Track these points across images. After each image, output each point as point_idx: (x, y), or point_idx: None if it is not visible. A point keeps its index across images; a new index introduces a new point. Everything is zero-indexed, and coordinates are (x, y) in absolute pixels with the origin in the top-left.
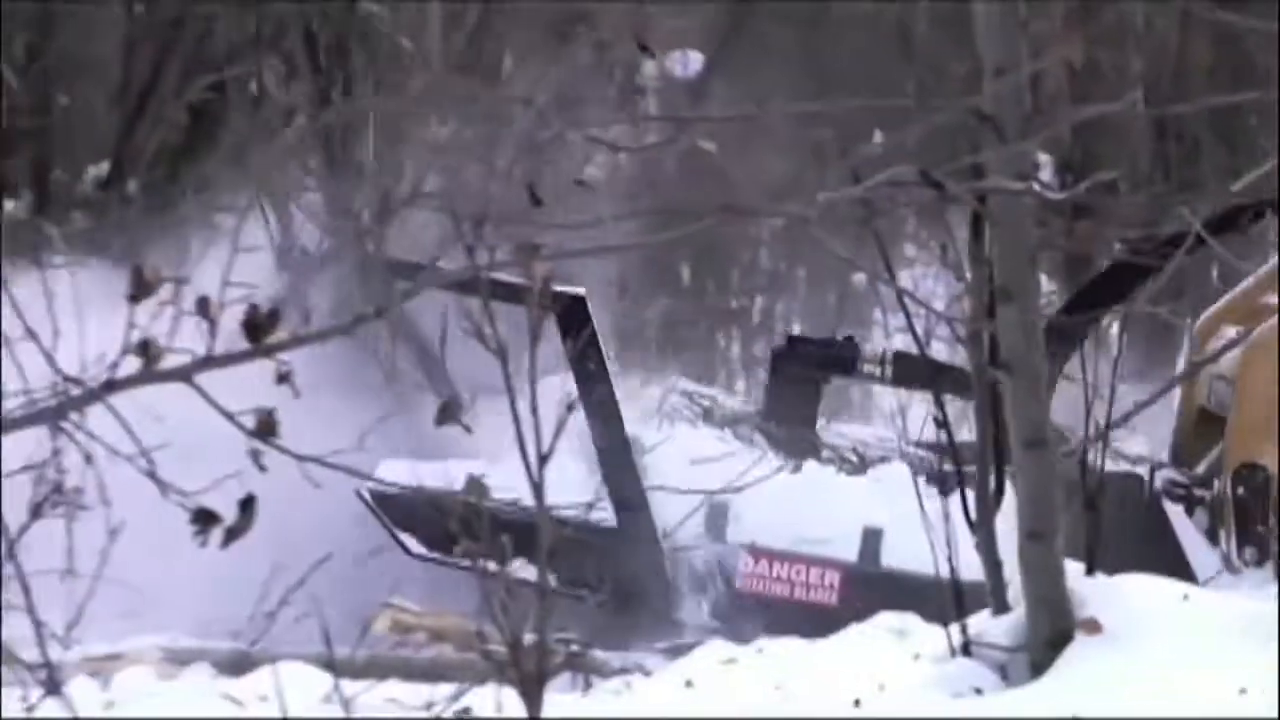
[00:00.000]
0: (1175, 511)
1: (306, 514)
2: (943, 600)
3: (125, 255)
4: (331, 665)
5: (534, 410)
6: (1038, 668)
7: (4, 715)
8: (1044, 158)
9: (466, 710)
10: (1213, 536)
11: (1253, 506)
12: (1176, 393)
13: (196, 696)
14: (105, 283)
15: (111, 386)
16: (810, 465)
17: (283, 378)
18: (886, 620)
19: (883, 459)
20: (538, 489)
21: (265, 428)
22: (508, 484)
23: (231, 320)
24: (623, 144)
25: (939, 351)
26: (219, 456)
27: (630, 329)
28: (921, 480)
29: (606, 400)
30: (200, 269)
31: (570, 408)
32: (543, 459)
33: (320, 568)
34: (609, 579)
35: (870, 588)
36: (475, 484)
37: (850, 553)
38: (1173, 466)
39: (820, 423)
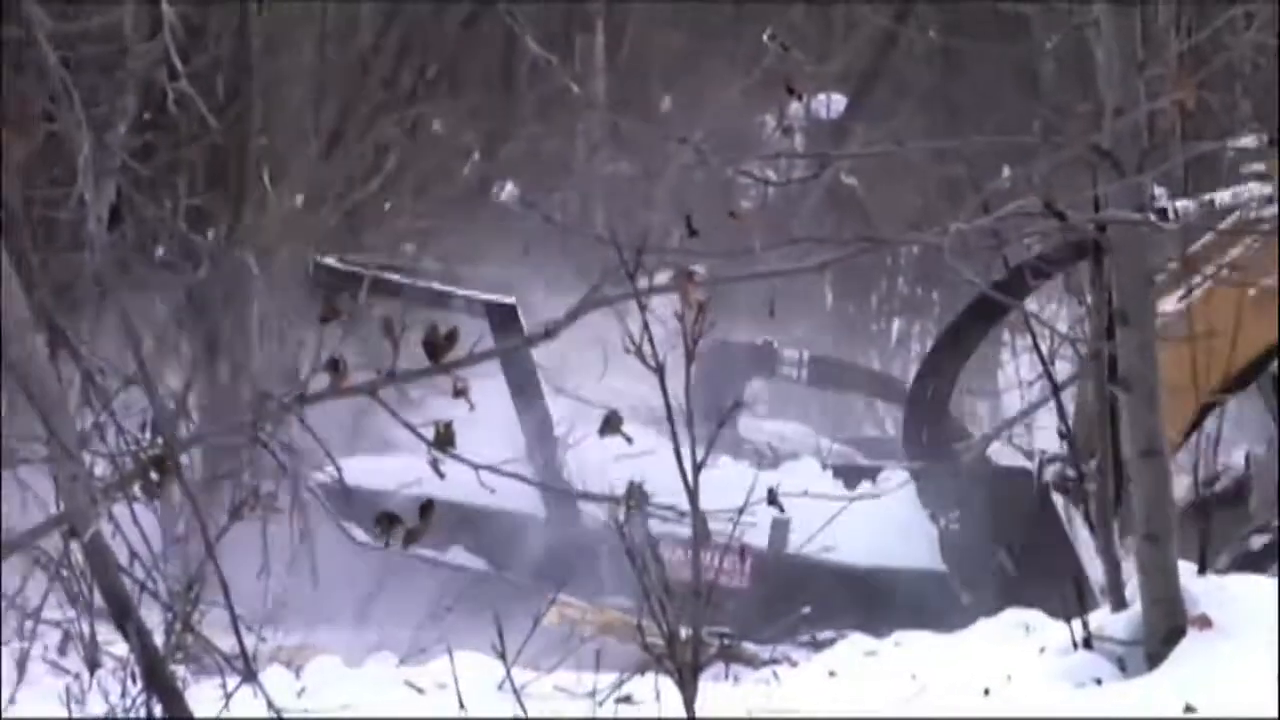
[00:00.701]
0: (1062, 503)
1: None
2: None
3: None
4: (503, 655)
5: (690, 423)
6: (1153, 660)
7: (202, 699)
8: (1159, 190)
9: (627, 698)
10: (1094, 523)
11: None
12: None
13: (381, 684)
14: (301, 306)
15: (303, 400)
16: (725, 460)
17: (459, 392)
18: (1013, 616)
19: (793, 454)
20: (693, 495)
21: (444, 439)
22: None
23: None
24: (773, 179)
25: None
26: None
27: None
28: (829, 473)
29: (535, 399)
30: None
31: (721, 424)
32: (697, 467)
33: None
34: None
35: (778, 574)
36: (636, 490)
37: (761, 540)
38: (1070, 458)
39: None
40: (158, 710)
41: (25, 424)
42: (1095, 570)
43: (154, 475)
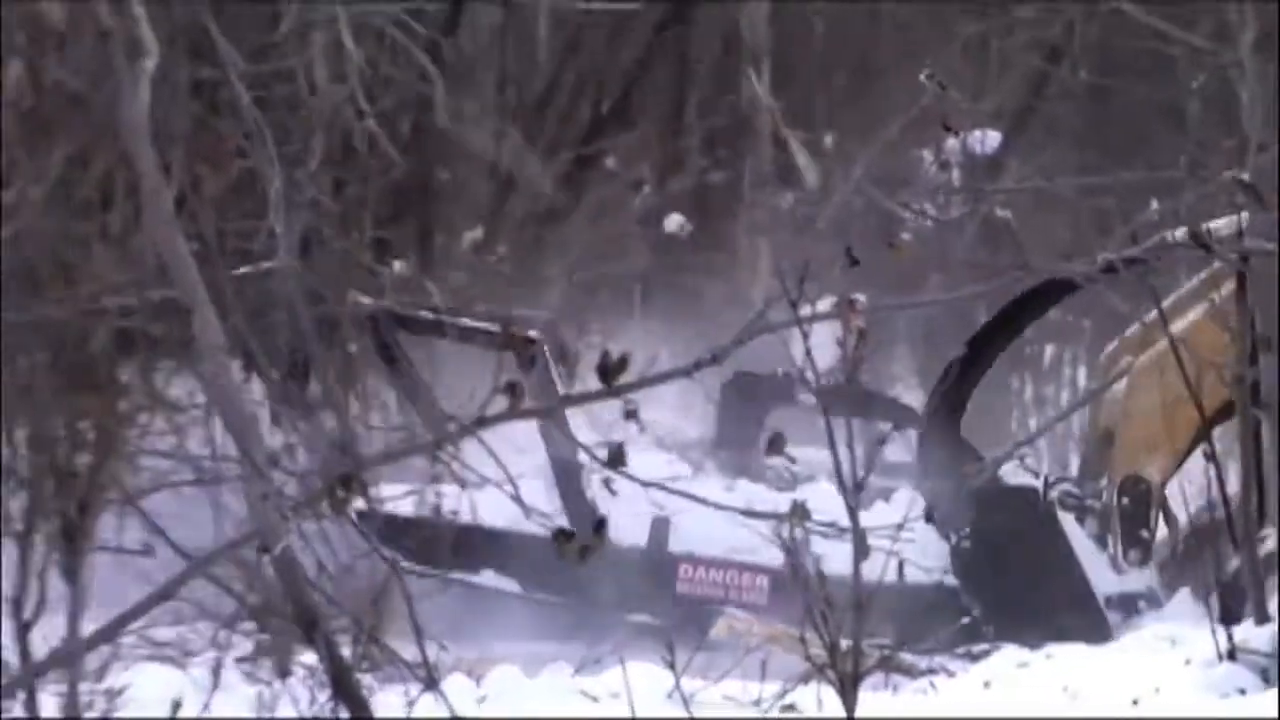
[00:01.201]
0: (1067, 519)
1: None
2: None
3: (495, 310)
4: (673, 665)
5: (850, 446)
6: None
7: (387, 707)
8: None
9: (791, 706)
10: (1101, 541)
11: (1136, 514)
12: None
13: (557, 693)
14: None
15: (482, 422)
16: (742, 483)
17: (630, 414)
18: (1160, 629)
19: (810, 477)
20: (853, 514)
21: (616, 459)
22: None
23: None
24: (931, 212)
25: None
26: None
27: (933, 371)
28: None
29: (561, 427)
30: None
31: (882, 442)
32: (858, 485)
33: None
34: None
35: (788, 592)
36: (799, 509)
37: (777, 560)
38: (1078, 480)
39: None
40: (344, 716)
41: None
42: (1103, 584)
43: (340, 493)
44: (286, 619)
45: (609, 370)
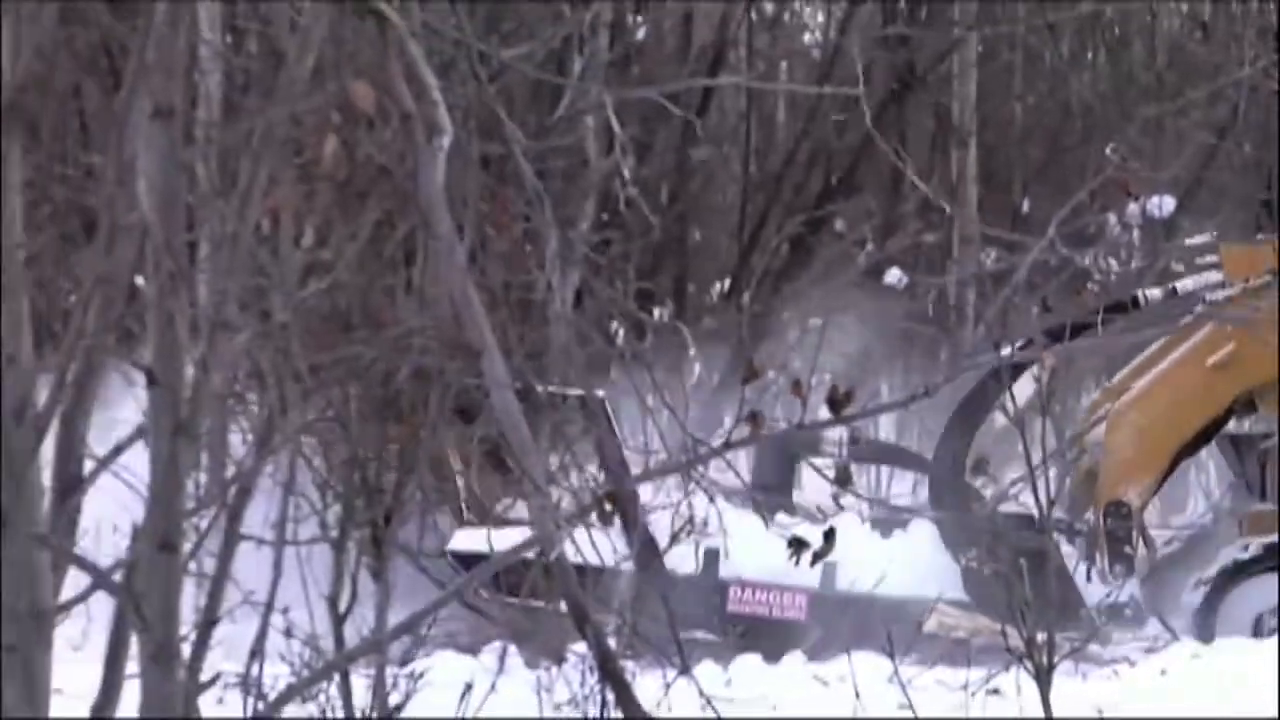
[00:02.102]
0: (1060, 541)
1: None
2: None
3: (739, 350)
4: (892, 654)
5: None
6: None
7: (646, 688)
8: None
9: (995, 690)
10: (1089, 558)
11: (1119, 534)
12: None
13: (794, 678)
14: (725, 369)
15: (728, 446)
16: (780, 517)
17: (854, 440)
18: None
19: (838, 511)
20: (1044, 524)
21: (844, 477)
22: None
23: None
24: (1114, 267)
25: None
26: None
27: None
28: (868, 525)
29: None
30: (794, 358)
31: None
32: (1050, 502)
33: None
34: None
35: (829, 607)
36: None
37: (813, 581)
38: (1068, 511)
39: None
40: (610, 697)
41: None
42: (1089, 595)
43: (608, 507)
44: (560, 614)
45: (836, 402)
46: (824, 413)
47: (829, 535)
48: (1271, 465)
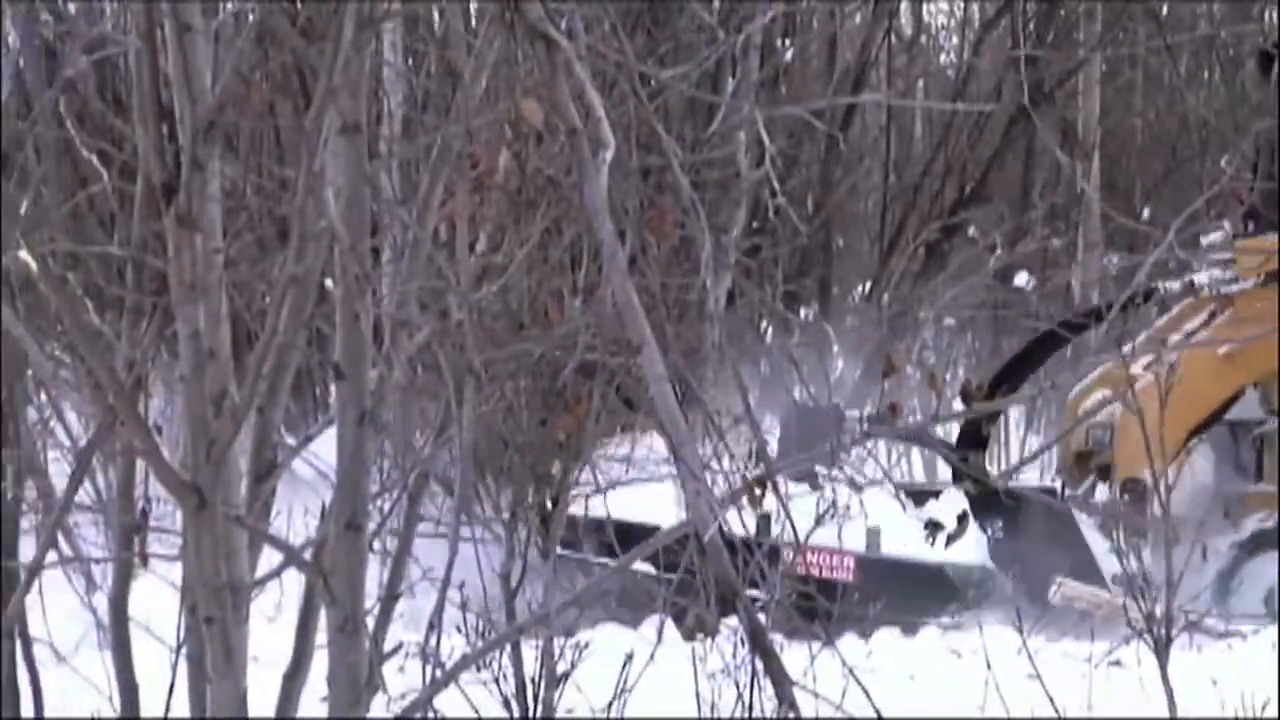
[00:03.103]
0: (1079, 515)
1: None
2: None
3: (879, 346)
4: (1020, 627)
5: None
6: None
7: (794, 658)
8: None
9: (1117, 662)
10: (1106, 531)
11: (1135, 509)
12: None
13: (931, 650)
14: (866, 364)
15: (867, 435)
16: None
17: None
18: None
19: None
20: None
21: (976, 438)
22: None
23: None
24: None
25: None
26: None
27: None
28: (902, 493)
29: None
30: (929, 354)
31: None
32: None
33: None
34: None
35: (870, 570)
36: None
37: (860, 544)
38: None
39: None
40: (759, 667)
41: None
42: (1107, 565)
43: (756, 491)
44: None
45: (969, 395)
46: (957, 405)
47: (962, 518)
48: (1270, 449)
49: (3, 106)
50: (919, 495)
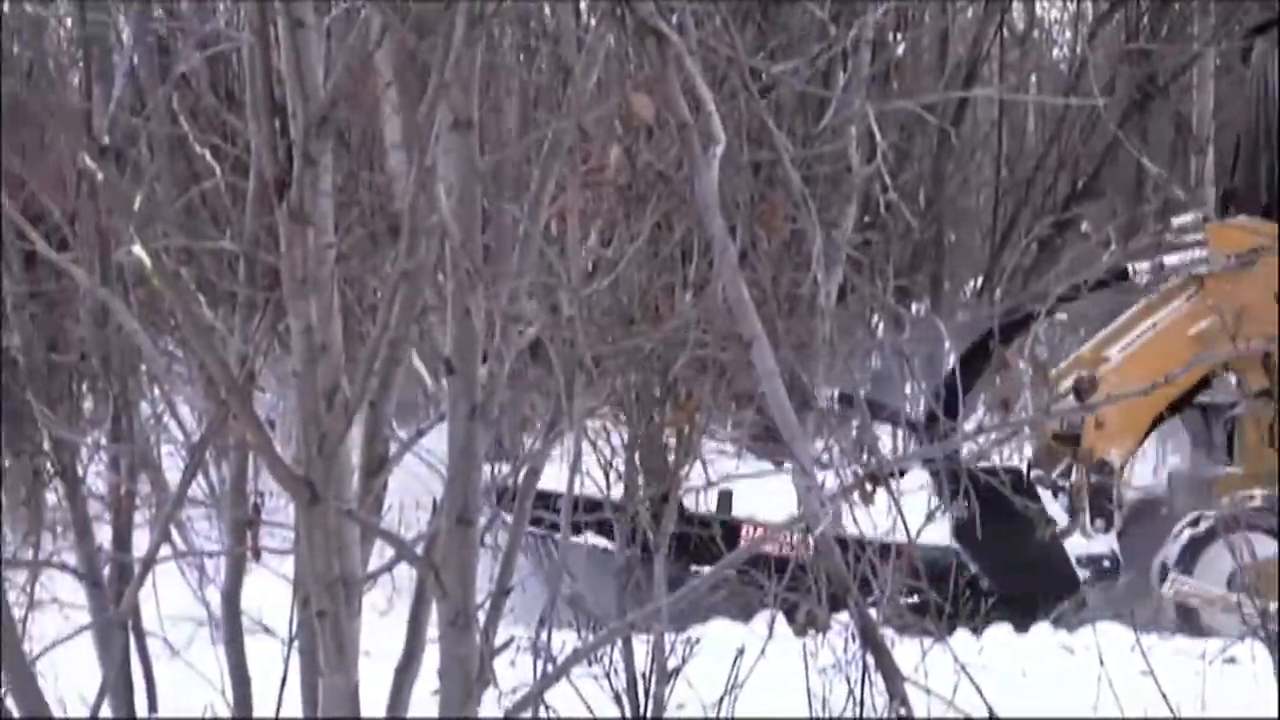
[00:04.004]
0: (1045, 495)
1: None
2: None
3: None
4: (1134, 625)
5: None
6: None
7: (904, 654)
8: None
9: (1232, 659)
10: (1071, 512)
11: (1102, 490)
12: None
13: (1044, 648)
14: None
15: (980, 431)
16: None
17: (1099, 424)
18: None
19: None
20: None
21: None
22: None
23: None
24: None
25: None
26: None
27: None
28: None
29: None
30: (1041, 350)
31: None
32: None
33: None
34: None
35: (831, 548)
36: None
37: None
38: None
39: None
40: (870, 662)
41: None
42: (1074, 547)
43: (868, 486)
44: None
45: (1081, 390)
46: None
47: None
48: (1238, 431)
49: (117, 103)
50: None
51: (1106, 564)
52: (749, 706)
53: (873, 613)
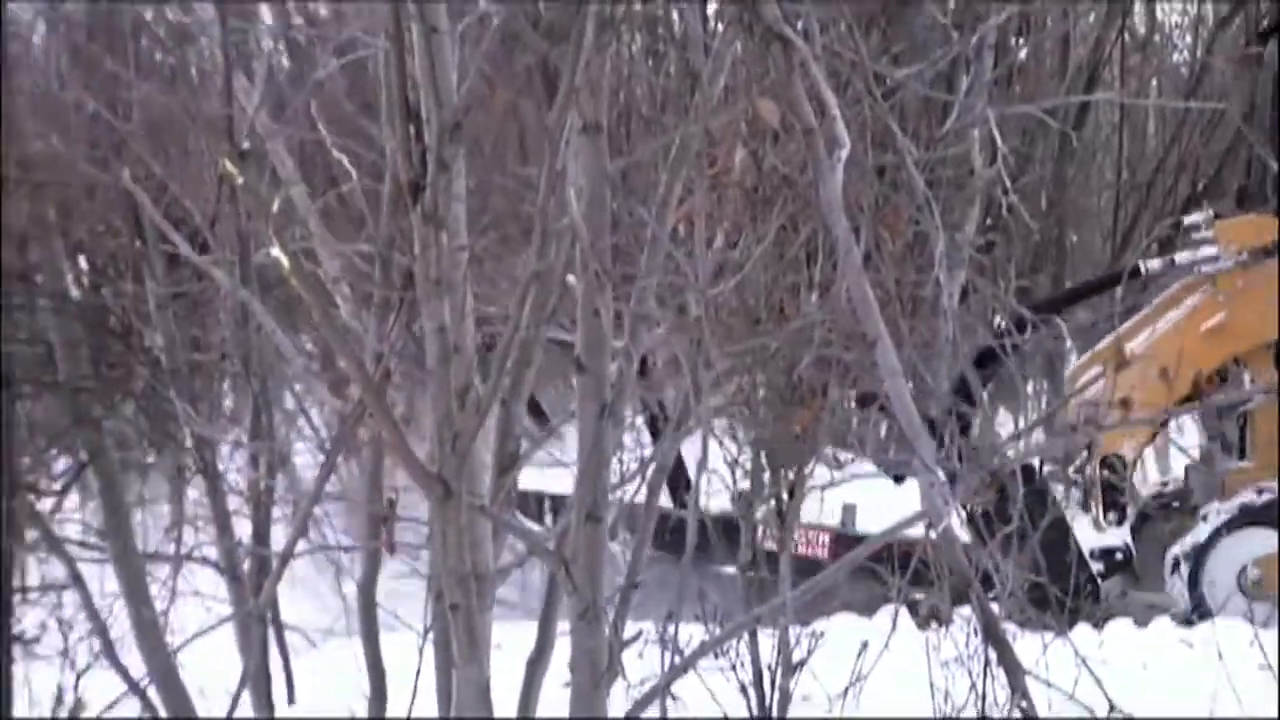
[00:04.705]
0: (1058, 489)
1: None
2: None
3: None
4: (1251, 618)
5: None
6: None
7: (1026, 649)
8: None
9: None
10: (1084, 506)
11: (1114, 484)
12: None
13: (1164, 642)
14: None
15: (1100, 428)
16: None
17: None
18: None
19: (852, 460)
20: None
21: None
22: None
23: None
24: None
25: None
26: None
27: None
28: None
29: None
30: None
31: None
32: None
33: None
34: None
35: (844, 547)
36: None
37: (834, 522)
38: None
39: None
40: (992, 656)
41: None
42: (1087, 540)
43: (987, 487)
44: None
45: (1199, 386)
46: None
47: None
48: (1250, 426)
49: (256, 108)
50: (899, 473)
51: (1119, 557)
52: (872, 699)
53: (994, 607)
